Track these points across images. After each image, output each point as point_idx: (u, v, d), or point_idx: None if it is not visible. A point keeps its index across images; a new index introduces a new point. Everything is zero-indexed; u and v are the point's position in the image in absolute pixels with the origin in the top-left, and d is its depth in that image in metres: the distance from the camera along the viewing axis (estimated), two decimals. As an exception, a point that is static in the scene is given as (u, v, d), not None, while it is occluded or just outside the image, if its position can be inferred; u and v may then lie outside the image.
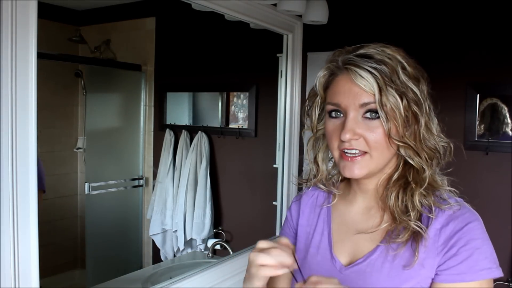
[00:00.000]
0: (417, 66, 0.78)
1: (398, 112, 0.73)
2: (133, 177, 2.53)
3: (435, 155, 0.78)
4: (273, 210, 1.91)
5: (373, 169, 0.76)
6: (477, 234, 0.75)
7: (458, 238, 0.73)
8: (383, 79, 0.72)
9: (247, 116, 2.18)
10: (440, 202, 0.78)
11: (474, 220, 0.76)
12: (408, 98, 0.74)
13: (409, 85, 0.74)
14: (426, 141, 0.77)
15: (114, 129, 2.67)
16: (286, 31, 1.78)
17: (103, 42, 2.55)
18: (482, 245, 0.74)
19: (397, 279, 0.74)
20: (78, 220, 2.76)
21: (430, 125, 0.78)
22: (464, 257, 0.72)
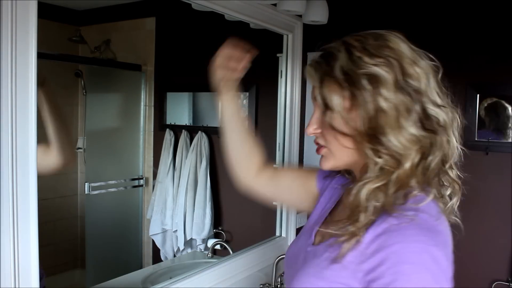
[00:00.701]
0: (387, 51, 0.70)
1: (336, 103, 0.69)
2: (133, 177, 2.53)
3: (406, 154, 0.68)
4: (273, 210, 1.91)
5: (337, 162, 0.76)
6: (409, 258, 0.62)
7: (385, 257, 0.63)
8: (323, 69, 0.71)
9: (247, 116, 2.18)
10: (397, 205, 0.67)
11: (413, 241, 0.63)
12: (351, 86, 0.68)
13: (354, 72, 0.68)
14: (382, 132, 0.68)
15: (114, 129, 2.67)
16: (286, 31, 1.78)
17: (103, 42, 2.55)
18: (411, 272, 0.61)
19: (322, 272, 0.70)
20: (78, 220, 2.76)
21: (389, 114, 0.67)
22: (388, 282, 0.61)
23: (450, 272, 0.65)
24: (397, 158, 0.68)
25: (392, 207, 0.67)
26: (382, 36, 0.73)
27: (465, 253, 1.73)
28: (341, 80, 0.69)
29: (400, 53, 0.71)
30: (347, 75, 0.69)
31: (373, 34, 0.73)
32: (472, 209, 1.73)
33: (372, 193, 0.68)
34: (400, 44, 0.72)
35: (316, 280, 0.71)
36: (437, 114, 0.71)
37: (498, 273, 1.68)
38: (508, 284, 1.65)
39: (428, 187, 0.72)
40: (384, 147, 0.68)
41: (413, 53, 0.73)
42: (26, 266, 0.90)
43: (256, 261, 1.72)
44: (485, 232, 1.71)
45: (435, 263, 0.62)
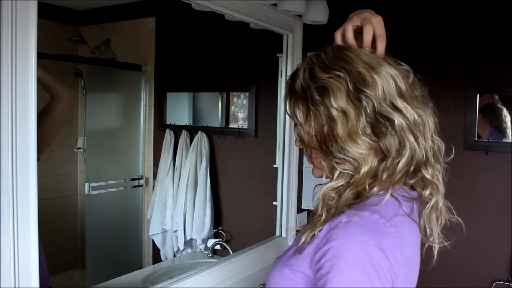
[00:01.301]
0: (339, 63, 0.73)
1: (297, 117, 0.77)
2: (133, 177, 2.53)
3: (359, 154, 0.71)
4: (273, 210, 1.91)
5: (319, 170, 0.81)
6: (344, 254, 0.65)
7: (327, 250, 0.67)
8: (289, 86, 0.79)
9: (247, 116, 2.18)
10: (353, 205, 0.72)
11: (352, 239, 0.66)
12: (306, 101, 0.74)
13: (309, 87, 0.74)
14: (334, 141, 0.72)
15: (114, 129, 2.67)
16: (286, 31, 1.78)
17: (103, 42, 2.55)
18: (344, 267, 0.64)
19: (288, 260, 0.76)
20: (78, 220, 2.76)
21: (339, 124, 0.71)
22: (324, 273, 0.65)
23: (391, 275, 0.65)
24: (353, 164, 0.72)
25: (344, 207, 0.71)
26: (341, 47, 0.78)
27: (465, 253, 1.74)
28: (300, 96, 0.76)
29: (355, 61, 0.73)
30: (304, 90, 0.75)
31: (334, 46, 0.79)
32: (472, 209, 1.73)
33: (327, 193, 0.73)
34: (360, 53, 0.76)
35: (283, 267, 0.77)
36: (393, 117, 0.71)
37: (498, 273, 1.68)
38: (508, 284, 1.65)
39: (392, 188, 0.73)
40: (336, 155, 0.72)
41: (374, 59, 0.75)
42: (26, 266, 0.90)
43: (256, 261, 1.72)
44: (485, 232, 1.71)
45: (372, 263, 0.64)
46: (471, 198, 1.73)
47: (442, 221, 0.80)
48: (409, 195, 0.75)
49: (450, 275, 1.76)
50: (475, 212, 1.72)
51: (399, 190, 0.74)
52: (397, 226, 0.69)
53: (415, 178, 0.76)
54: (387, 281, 0.64)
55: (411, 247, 0.73)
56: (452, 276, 1.76)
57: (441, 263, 1.85)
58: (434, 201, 0.78)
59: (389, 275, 0.65)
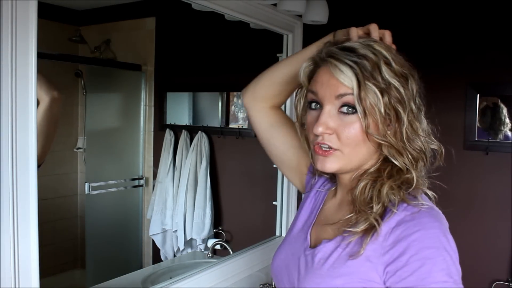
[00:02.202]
0: (405, 64, 0.76)
1: (377, 109, 0.71)
2: (133, 177, 2.53)
3: (421, 156, 0.76)
4: (273, 210, 1.91)
5: (344, 165, 0.76)
6: (431, 243, 0.67)
7: (407, 245, 0.67)
8: (363, 73, 0.71)
9: (247, 116, 2.18)
10: (410, 199, 0.73)
11: (430, 227, 0.68)
12: (390, 95, 0.72)
13: (392, 82, 0.72)
14: (410, 141, 0.74)
15: (114, 129, 2.67)
16: (286, 31, 1.78)
17: (103, 42, 2.55)
18: (436, 255, 0.66)
19: (337, 271, 0.72)
20: (78, 220, 2.76)
21: (415, 125, 0.75)
22: (415, 268, 0.65)
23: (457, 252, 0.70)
24: (414, 162, 0.75)
25: (408, 200, 0.72)
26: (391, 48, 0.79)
27: (465, 253, 1.74)
28: (384, 90, 0.71)
29: (412, 70, 0.77)
30: (387, 84, 0.72)
31: (390, 46, 0.79)
32: (472, 209, 1.73)
33: (391, 189, 0.73)
34: None
35: (331, 280, 0.72)
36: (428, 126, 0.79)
37: (498, 273, 1.68)
38: (508, 284, 1.65)
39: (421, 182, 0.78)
40: (408, 153, 0.75)
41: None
42: (26, 266, 0.90)
43: (256, 261, 1.72)
44: (485, 232, 1.71)
45: (450, 245, 0.68)
46: (471, 198, 1.73)
47: None
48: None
49: (450, 275, 1.76)
50: (475, 212, 1.72)
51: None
52: (440, 212, 0.74)
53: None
54: (458, 260, 0.69)
55: None
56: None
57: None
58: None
59: (457, 255, 0.69)
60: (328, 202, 0.88)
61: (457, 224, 1.77)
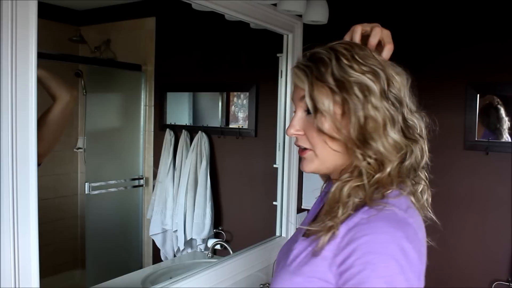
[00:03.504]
0: (373, 59, 0.74)
1: (328, 107, 0.72)
2: (133, 177, 2.53)
3: (387, 158, 0.72)
4: (273, 210, 1.91)
5: (320, 165, 0.78)
6: (376, 248, 0.64)
7: (354, 248, 0.66)
8: (313, 74, 0.73)
9: (247, 116, 2.18)
10: (376, 201, 0.70)
11: (381, 232, 0.66)
12: (341, 93, 0.71)
13: (345, 80, 0.71)
14: (372, 139, 0.71)
15: (114, 129, 2.67)
16: (286, 31, 1.78)
17: (103, 42, 2.55)
18: (378, 261, 0.63)
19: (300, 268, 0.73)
20: (78, 220, 2.76)
21: (376, 122, 0.71)
22: (356, 272, 0.64)
23: (419, 265, 0.67)
24: (381, 163, 0.72)
25: (372, 202, 0.70)
26: (363, 47, 0.77)
27: (465, 253, 1.74)
28: (333, 86, 0.72)
29: (384, 63, 0.75)
30: (338, 81, 0.72)
31: (358, 44, 0.78)
32: (472, 209, 1.73)
33: (353, 190, 0.72)
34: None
35: (293, 276, 0.73)
36: (415, 122, 0.76)
37: (498, 273, 1.68)
38: (508, 284, 1.65)
39: (402, 184, 0.75)
40: (371, 152, 0.72)
41: (391, 63, 0.77)
42: (26, 266, 0.90)
43: (256, 261, 1.72)
44: (485, 232, 1.71)
45: (403, 254, 0.64)
46: (471, 198, 1.73)
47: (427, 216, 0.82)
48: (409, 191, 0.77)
49: (450, 275, 1.76)
50: (475, 212, 1.72)
51: (401, 186, 0.76)
52: (413, 217, 0.71)
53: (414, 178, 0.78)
54: (416, 271, 0.66)
55: (424, 238, 0.74)
56: (452, 276, 1.76)
57: (441, 263, 1.85)
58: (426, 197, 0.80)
59: (417, 265, 0.66)
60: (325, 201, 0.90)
61: (457, 224, 1.77)
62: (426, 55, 1.78)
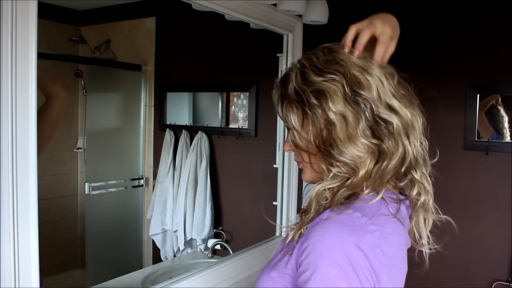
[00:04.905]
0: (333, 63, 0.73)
1: (293, 122, 0.75)
2: (133, 177, 2.53)
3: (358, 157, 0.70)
4: (273, 210, 1.91)
5: (311, 174, 0.80)
6: (321, 251, 0.64)
7: (305, 247, 0.67)
8: (280, 91, 0.77)
9: (247, 116, 2.18)
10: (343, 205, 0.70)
11: (329, 236, 0.65)
12: (301, 104, 0.73)
13: (300, 91, 0.73)
14: (335, 144, 0.71)
15: (114, 129, 2.67)
16: (286, 31, 1.78)
17: (103, 42, 2.55)
18: (320, 265, 0.63)
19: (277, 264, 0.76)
20: (78, 220, 2.76)
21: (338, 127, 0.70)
22: (302, 271, 0.66)
23: (372, 273, 0.64)
24: (352, 167, 0.71)
25: (335, 205, 0.70)
26: (331, 50, 0.76)
27: (465, 253, 1.74)
28: (294, 100, 0.74)
29: (348, 64, 0.73)
30: (298, 94, 0.74)
31: (323, 49, 0.77)
32: (472, 209, 1.73)
33: (321, 193, 0.73)
34: (350, 55, 0.75)
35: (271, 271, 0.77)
36: (391, 119, 0.72)
37: (498, 273, 1.68)
38: (508, 284, 1.65)
39: (381, 188, 0.73)
40: (336, 158, 0.72)
41: (364, 61, 0.75)
42: (26, 266, 0.90)
43: (256, 261, 1.72)
44: (485, 232, 1.71)
45: (349, 260, 0.63)
46: (471, 198, 1.73)
47: (429, 222, 0.79)
48: (396, 197, 0.75)
49: (450, 275, 1.76)
50: (475, 212, 1.72)
51: (387, 192, 0.74)
52: (380, 225, 0.69)
53: (405, 181, 0.76)
54: (366, 279, 0.63)
55: (394, 247, 0.71)
56: (452, 276, 1.76)
57: (441, 263, 1.85)
58: (422, 200, 0.77)
59: (369, 273, 0.64)
60: None
61: (457, 224, 1.77)
62: (426, 55, 1.78)
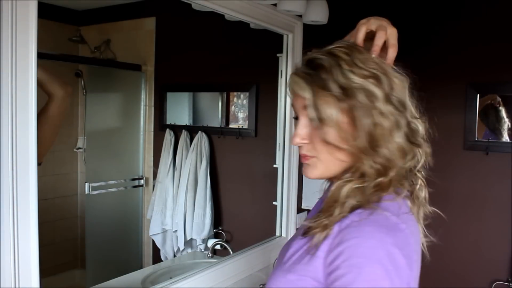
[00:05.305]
0: (374, 63, 0.73)
1: (333, 116, 0.70)
2: (133, 177, 2.53)
3: (391, 163, 0.72)
4: (273, 210, 1.91)
5: (324, 171, 0.77)
6: (363, 252, 0.64)
7: (342, 250, 0.66)
8: (316, 83, 0.71)
9: (247, 116, 2.18)
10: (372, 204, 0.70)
11: (369, 237, 0.66)
12: (346, 100, 0.70)
13: (349, 86, 0.70)
14: (377, 145, 0.71)
15: (114, 129, 2.67)
16: (286, 31, 1.78)
17: (103, 42, 2.55)
18: (364, 265, 0.63)
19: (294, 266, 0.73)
20: (78, 220, 2.76)
21: (385, 127, 0.70)
22: (342, 274, 0.64)
23: (407, 271, 0.66)
24: (386, 167, 0.72)
25: (368, 205, 0.70)
26: (362, 50, 0.76)
27: (465, 253, 1.74)
28: (338, 94, 0.70)
29: (384, 66, 0.74)
30: (343, 88, 0.70)
31: (356, 48, 0.76)
32: (472, 209, 1.73)
33: (352, 191, 0.72)
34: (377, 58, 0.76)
35: (287, 273, 0.74)
36: (417, 126, 0.75)
37: (498, 273, 1.68)
38: (508, 284, 1.65)
39: (399, 188, 0.75)
40: (378, 158, 0.71)
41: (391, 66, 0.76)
42: (26, 266, 0.90)
43: (256, 261, 1.72)
44: (485, 232, 1.71)
45: (390, 259, 0.64)
46: (471, 198, 1.73)
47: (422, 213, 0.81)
48: (406, 194, 0.76)
49: (450, 275, 1.76)
50: (475, 212, 1.72)
51: (398, 190, 0.75)
52: (406, 223, 0.70)
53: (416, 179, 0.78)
54: (405, 277, 0.65)
55: (418, 243, 0.74)
56: (452, 276, 1.76)
57: (441, 263, 1.85)
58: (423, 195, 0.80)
59: (405, 271, 0.65)
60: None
61: (457, 224, 1.77)
62: (426, 55, 1.78)
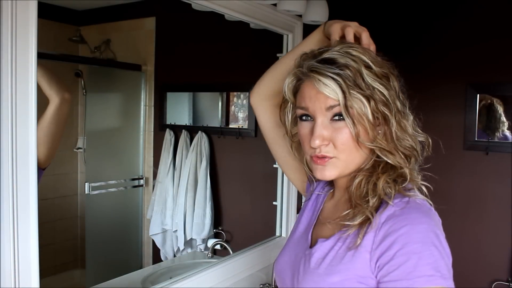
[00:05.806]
0: (384, 63, 0.77)
1: (365, 116, 0.72)
2: (133, 177, 2.53)
3: (412, 153, 0.78)
4: (273, 210, 1.91)
5: (342, 171, 0.78)
6: (417, 237, 0.67)
7: (394, 240, 0.68)
8: (346, 83, 0.72)
9: (247, 116, 2.18)
10: (405, 192, 0.75)
11: (418, 222, 0.69)
12: (375, 99, 0.73)
13: (375, 86, 0.73)
14: (400, 140, 0.76)
15: (114, 129, 2.67)
16: (286, 31, 1.78)
17: (103, 42, 2.55)
18: (422, 250, 0.66)
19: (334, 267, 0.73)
20: (78, 220, 2.76)
21: (403, 124, 0.76)
22: (401, 262, 0.66)
23: (449, 249, 0.70)
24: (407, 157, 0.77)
25: (404, 193, 0.74)
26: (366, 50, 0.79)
27: (465, 253, 1.74)
28: (368, 94, 0.73)
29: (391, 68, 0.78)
30: (372, 89, 0.73)
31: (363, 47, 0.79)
32: (472, 209, 1.73)
33: (385, 184, 0.75)
34: None
35: (328, 277, 0.73)
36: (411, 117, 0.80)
37: (498, 273, 1.68)
38: (508, 284, 1.65)
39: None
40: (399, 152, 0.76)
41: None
42: (26, 266, 0.90)
43: (256, 261, 1.72)
44: (485, 232, 1.71)
45: (439, 241, 0.68)
46: (471, 198, 1.73)
47: None
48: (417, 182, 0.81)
49: (450, 275, 1.76)
50: (475, 212, 1.72)
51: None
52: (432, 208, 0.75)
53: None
54: (450, 255, 0.69)
55: None
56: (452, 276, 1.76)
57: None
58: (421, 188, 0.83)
59: (449, 249, 0.69)
60: (327, 203, 0.90)
61: (457, 224, 1.77)
62: (426, 55, 1.78)
